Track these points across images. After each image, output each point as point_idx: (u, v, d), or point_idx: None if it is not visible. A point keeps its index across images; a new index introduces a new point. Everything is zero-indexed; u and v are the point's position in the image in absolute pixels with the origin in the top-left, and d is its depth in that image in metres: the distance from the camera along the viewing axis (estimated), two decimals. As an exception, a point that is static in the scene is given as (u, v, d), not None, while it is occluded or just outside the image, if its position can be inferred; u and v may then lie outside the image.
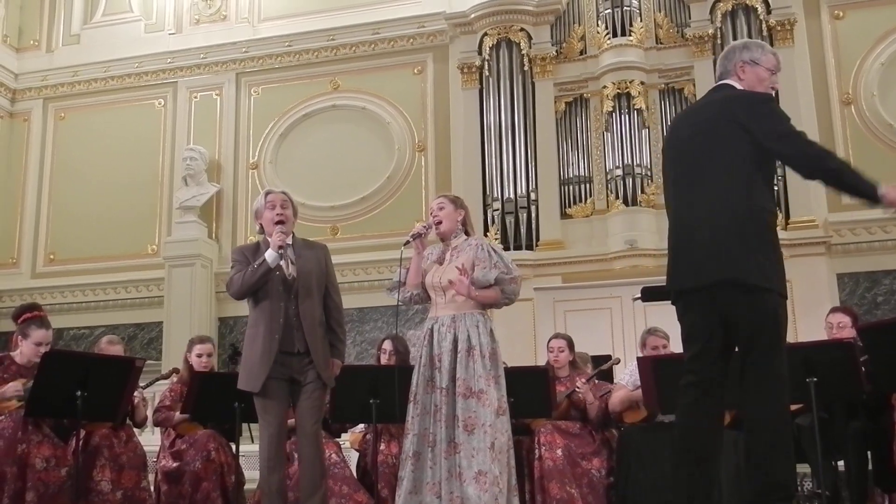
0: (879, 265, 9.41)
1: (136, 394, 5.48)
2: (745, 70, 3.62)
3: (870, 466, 5.25)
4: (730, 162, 3.43)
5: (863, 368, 4.92)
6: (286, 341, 4.48)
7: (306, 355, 4.50)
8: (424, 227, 4.60)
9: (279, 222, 4.59)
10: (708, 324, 3.43)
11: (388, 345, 6.01)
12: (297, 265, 4.61)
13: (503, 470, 4.22)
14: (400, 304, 4.71)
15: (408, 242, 4.59)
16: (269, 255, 4.51)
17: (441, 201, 4.68)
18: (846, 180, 3.42)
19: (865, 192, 3.36)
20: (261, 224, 4.71)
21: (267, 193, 4.77)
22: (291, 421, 4.84)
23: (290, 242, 4.64)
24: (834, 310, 6.00)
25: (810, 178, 3.56)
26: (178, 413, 5.62)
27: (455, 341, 4.36)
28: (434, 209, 4.64)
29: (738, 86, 3.61)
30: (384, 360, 5.98)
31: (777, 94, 9.95)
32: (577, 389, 5.74)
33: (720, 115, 3.49)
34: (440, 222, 4.58)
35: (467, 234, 4.66)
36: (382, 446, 5.55)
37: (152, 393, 7.32)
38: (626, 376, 5.89)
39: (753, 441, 3.35)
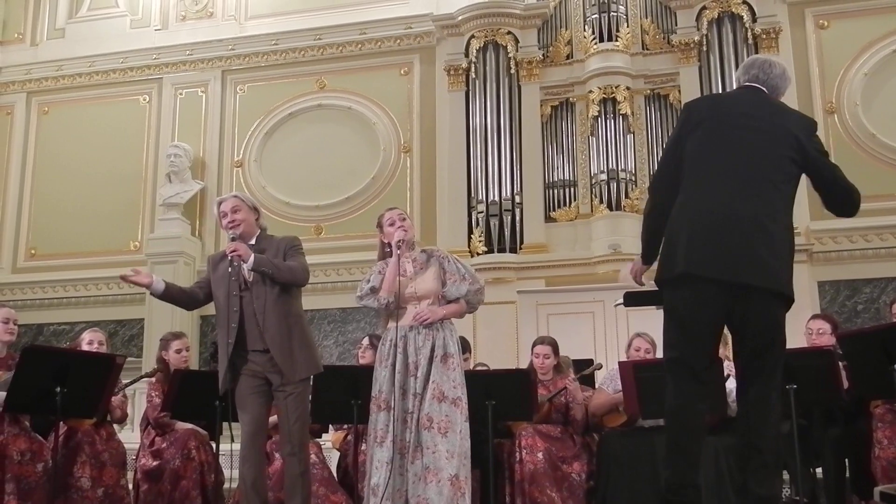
0: (860, 273, 9.49)
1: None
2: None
3: (847, 473, 5.30)
4: (785, 175, 3.48)
5: (843, 373, 4.97)
6: (251, 340, 4.49)
7: (269, 353, 4.48)
8: (404, 233, 4.63)
9: (231, 229, 4.60)
10: (718, 320, 3.41)
11: (365, 341, 6.12)
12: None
13: (468, 475, 4.37)
14: (377, 310, 4.75)
15: (399, 246, 4.59)
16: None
17: (401, 212, 4.77)
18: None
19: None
20: None
21: (218, 204, 4.73)
22: (274, 418, 4.84)
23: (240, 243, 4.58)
24: (814, 316, 6.05)
25: (840, 204, 3.60)
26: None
27: (433, 348, 4.47)
28: (396, 220, 4.69)
29: None
30: (359, 355, 6.07)
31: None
32: (567, 387, 5.76)
33: (785, 127, 3.51)
34: (406, 233, 4.67)
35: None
36: (364, 447, 5.55)
37: (132, 390, 7.29)
38: (607, 381, 5.91)
39: (758, 452, 3.36)
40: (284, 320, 4.51)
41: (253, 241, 4.64)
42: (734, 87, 3.80)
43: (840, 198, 3.58)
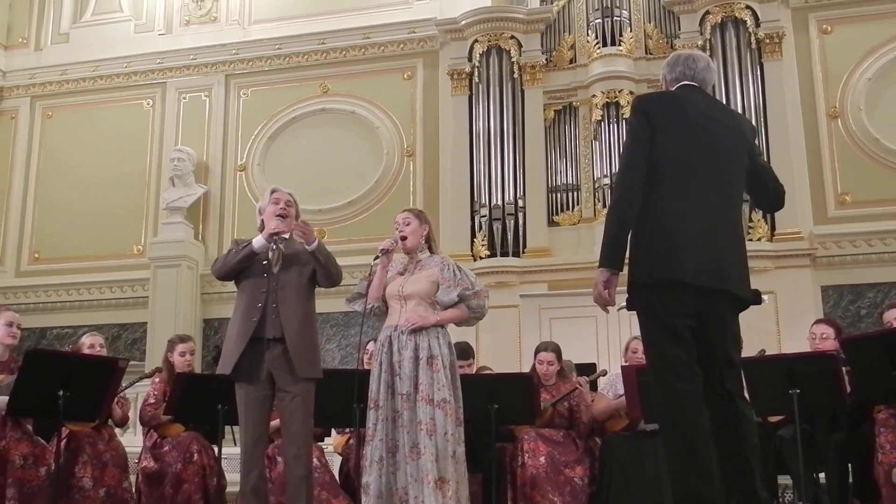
0: (863, 278, 9.46)
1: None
2: None
3: (850, 478, 5.29)
4: (743, 180, 3.52)
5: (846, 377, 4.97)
6: (268, 327, 4.45)
7: (281, 343, 4.45)
8: (392, 242, 4.65)
9: (280, 215, 4.60)
10: (693, 326, 3.33)
11: (370, 346, 6.06)
12: (285, 259, 4.59)
13: (461, 480, 4.35)
14: (362, 314, 4.77)
15: (377, 257, 4.63)
16: (257, 241, 4.57)
17: (406, 216, 4.75)
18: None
19: None
20: (262, 220, 4.71)
21: (273, 191, 4.78)
22: (276, 422, 4.83)
23: (286, 236, 4.64)
24: (818, 321, 6.04)
25: (776, 194, 3.66)
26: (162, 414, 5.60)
27: (416, 349, 4.46)
28: (399, 224, 4.71)
29: None
30: (366, 360, 6.04)
31: (765, 105, 9.90)
32: (579, 387, 5.76)
33: (740, 130, 3.53)
34: (405, 238, 4.66)
35: (431, 249, 4.77)
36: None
37: (135, 393, 7.30)
38: (608, 387, 5.91)
39: (746, 460, 3.30)
40: (305, 314, 4.54)
41: (285, 235, 4.67)
42: (673, 87, 3.65)
43: (773, 192, 3.63)
